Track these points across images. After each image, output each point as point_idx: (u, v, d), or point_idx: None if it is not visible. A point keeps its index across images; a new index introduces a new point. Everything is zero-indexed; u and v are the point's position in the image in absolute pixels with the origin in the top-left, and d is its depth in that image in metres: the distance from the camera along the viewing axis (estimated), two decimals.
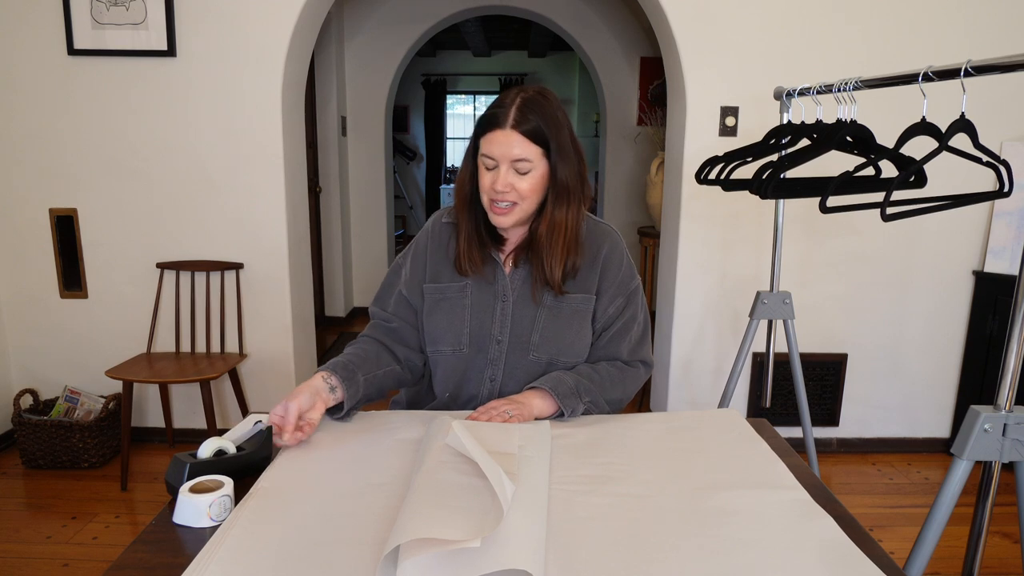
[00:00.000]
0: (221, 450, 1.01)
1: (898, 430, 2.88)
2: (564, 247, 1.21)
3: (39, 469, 2.61)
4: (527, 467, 0.95)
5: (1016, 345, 1.12)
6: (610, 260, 1.28)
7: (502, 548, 0.75)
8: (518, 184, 1.16)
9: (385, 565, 0.74)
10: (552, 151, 1.17)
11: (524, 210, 1.19)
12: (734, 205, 2.65)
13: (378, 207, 4.76)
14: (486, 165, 1.18)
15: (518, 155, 1.14)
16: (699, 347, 2.80)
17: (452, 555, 0.74)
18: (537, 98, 1.16)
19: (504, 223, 1.20)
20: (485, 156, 1.17)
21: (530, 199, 1.18)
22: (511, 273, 1.27)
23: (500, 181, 1.15)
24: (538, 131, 1.15)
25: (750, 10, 2.53)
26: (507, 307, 1.26)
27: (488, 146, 1.16)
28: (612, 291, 1.28)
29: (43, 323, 2.77)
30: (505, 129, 1.14)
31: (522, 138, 1.14)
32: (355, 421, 1.20)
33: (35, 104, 2.58)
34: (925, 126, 1.32)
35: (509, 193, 1.16)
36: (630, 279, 1.30)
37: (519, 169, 1.15)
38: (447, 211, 1.34)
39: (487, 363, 1.27)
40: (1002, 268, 2.64)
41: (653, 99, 4.63)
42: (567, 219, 1.20)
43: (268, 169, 2.64)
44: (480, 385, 1.28)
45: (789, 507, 0.91)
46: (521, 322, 1.26)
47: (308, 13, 2.60)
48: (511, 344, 1.26)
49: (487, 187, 1.18)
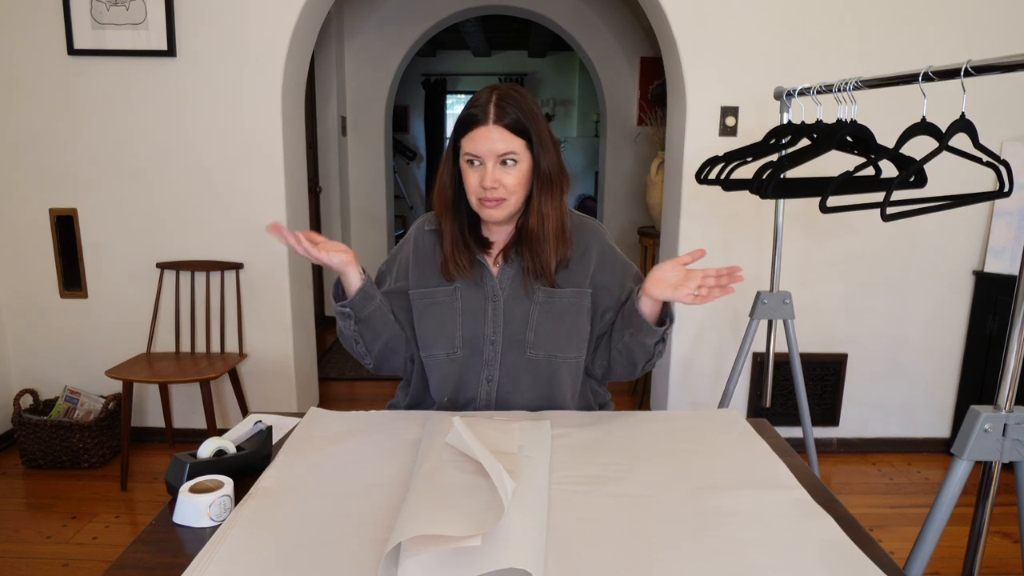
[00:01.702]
0: (221, 450, 1.01)
1: (898, 430, 2.88)
2: (556, 237, 1.23)
3: (39, 469, 2.61)
4: (527, 467, 0.95)
5: (1016, 345, 1.12)
6: (603, 253, 1.30)
7: (502, 547, 0.75)
8: (505, 179, 1.16)
9: (387, 564, 0.74)
10: (534, 143, 1.18)
11: (513, 204, 1.20)
12: (734, 205, 2.65)
13: (378, 207, 4.76)
14: (471, 164, 1.18)
15: (503, 149, 1.15)
16: (699, 347, 2.80)
17: (453, 554, 0.74)
18: (512, 93, 1.18)
19: (496, 216, 1.20)
20: (469, 155, 1.17)
21: (518, 193, 1.19)
22: (499, 274, 1.27)
23: (488, 177, 1.15)
24: (519, 124, 1.16)
25: (750, 10, 2.53)
26: (498, 307, 1.26)
27: (472, 144, 1.16)
28: (618, 279, 1.30)
29: (43, 323, 2.77)
30: (488, 125, 1.15)
31: (506, 132, 1.15)
32: (355, 421, 1.20)
33: (35, 104, 2.58)
34: (925, 126, 1.32)
35: (498, 189, 1.16)
36: (629, 266, 1.33)
37: (505, 163, 1.16)
38: (429, 219, 1.34)
39: (483, 364, 1.26)
40: (1002, 268, 2.64)
41: (653, 99, 4.63)
42: (554, 209, 1.22)
43: (268, 169, 2.64)
44: (477, 387, 1.27)
45: (789, 507, 0.91)
46: (514, 321, 1.26)
47: (308, 13, 2.60)
48: (505, 344, 1.26)
49: (474, 186, 1.18)
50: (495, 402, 1.27)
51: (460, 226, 1.26)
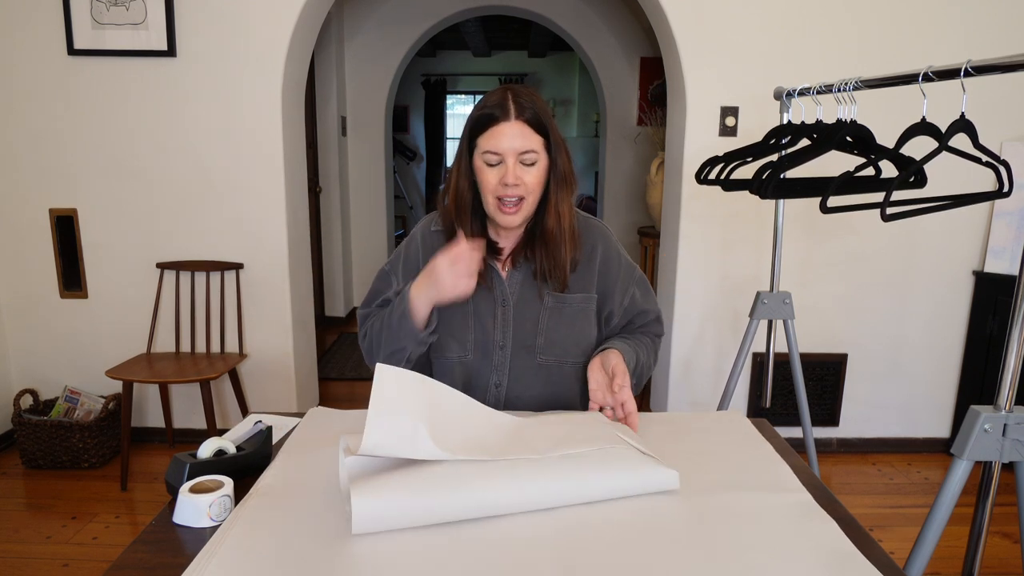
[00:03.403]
0: (221, 450, 1.01)
1: (898, 430, 2.88)
2: (568, 239, 1.22)
3: (39, 469, 2.61)
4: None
5: (1016, 345, 1.12)
6: (608, 258, 1.29)
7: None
8: (525, 177, 1.15)
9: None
10: (551, 141, 1.18)
11: (530, 204, 1.18)
12: (734, 205, 2.65)
13: (378, 207, 4.76)
14: (489, 163, 1.16)
15: (524, 146, 1.14)
16: (699, 347, 2.80)
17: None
18: (527, 91, 1.17)
19: (514, 222, 1.18)
20: (489, 153, 1.15)
21: (535, 192, 1.18)
22: (508, 278, 1.26)
23: (510, 174, 1.13)
24: (538, 121, 1.15)
25: (750, 10, 2.53)
26: (507, 312, 1.25)
27: (492, 142, 1.14)
28: (622, 285, 1.30)
29: (43, 323, 2.77)
30: (509, 121, 1.13)
31: (527, 128, 1.14)
32: (355, 421, 1.20)
33: (35, 104, 2.58)
34: (925, 126, 1.32)
35: (519, 187, 1.15)
36: (633, 269, 1.32)
37: (525, 161, 1.15)
38: (434, 219, 1.31)
39: (492, 369, 1.26)
40: (1002, 268, 2.64)
41: (653, 99, 4.63)
42: (569, 208, 1.22)
43: (268, 169, 2.64)
44: (486, 392, 1.27)
45: (791, 510, 0.91)
46: (523, 325, 1.25)
47: (308, 13, 2.60)
48: (515, 348, 1.25)
49: (493, 185, 1.16)
50: (503, 406, 1.27)
51: (477, 230, 1.24)
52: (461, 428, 0.96)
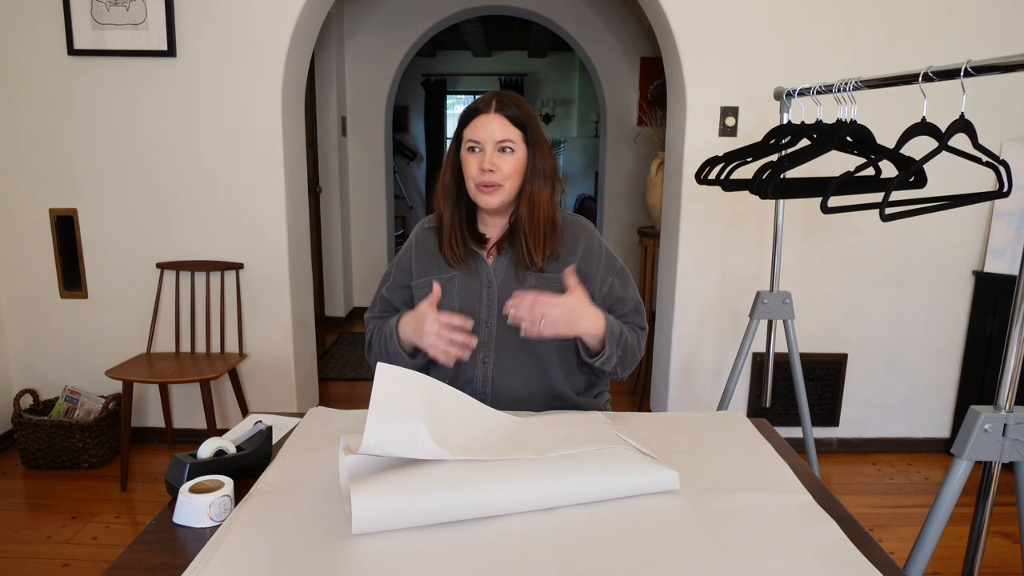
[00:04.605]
0: (221, 450, 1.01)
1: (898, 430, 2.88)
2: (544, 227, 1.31)
3: (39, 469, 2.61)
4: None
5: (1016, 345, 1.12)
6: (590, 247, 1.38)
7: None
8: (502, 164, 1.26)
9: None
10: (530, 137, 1.30)
11: (508, 191, 1.29)
12: (734, 205, 2.65)
13: (378, 207, 4.76)
14: (471, 150, 1.28)
15: (502, 136, 1.26)
16: (699, 347, 2.80)
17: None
18: (512, 94, 1.31)
19: (491, 203, 1.29)
20: (471, 142, 1.28)
21: (512, 179, 1.29)
22: (494, 263, 1.35)
23: (487, 160, 1.26)
24: (517, 117, 1.28)
25: (750, 10, 2.53)
26: (492, 292, 1.33)
27: (473, 132, 1.28)
28: (602, 273, 1.37)
29: (43, 323, 2.77)
30: (489, 114, 1.27)
31: (505, 121, 1.27)
32: (355, 421, 1.20)
33: (35, 104, 2.58)
34: (925, 126, 1.32)
35: (495, 173, 1.26)
36: (614, 261, 1.40)
37: (502, 148, 1.27)
38: (428, 219, 1.44)
39: (479, 346, 1.33)
40: (1002, 268, 2.64)
41: (653, 99, 4.63)
42: (544, 200, 1.31)
43: (268, 169, 2.64)
44: (474, 368, 1.34)
45: (792, 510, 0.91)
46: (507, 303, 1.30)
47: (308, 13, 2.60)
48: (499, 326, 1.32)
49: (474, 171, 1.28)
50: (491, 382, 1.33)
51: (460, 217, 1.35)
52: (461, 428, 0.97)
